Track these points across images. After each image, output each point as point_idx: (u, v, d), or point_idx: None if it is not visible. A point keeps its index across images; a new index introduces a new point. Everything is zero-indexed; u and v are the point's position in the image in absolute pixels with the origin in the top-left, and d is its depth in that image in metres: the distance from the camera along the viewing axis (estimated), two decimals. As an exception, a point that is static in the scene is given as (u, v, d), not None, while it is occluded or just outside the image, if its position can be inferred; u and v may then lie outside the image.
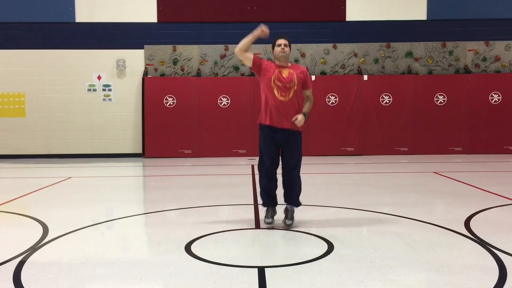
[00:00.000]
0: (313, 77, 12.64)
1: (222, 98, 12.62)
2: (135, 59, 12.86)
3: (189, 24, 12.88)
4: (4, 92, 12.80)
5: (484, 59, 12.93)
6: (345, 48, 12.95)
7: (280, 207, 5.65)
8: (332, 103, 12.67)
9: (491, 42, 12.91)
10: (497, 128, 12.63)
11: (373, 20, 12.89)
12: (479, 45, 12.94)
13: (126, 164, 11.78)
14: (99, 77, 12.89)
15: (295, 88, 5.32)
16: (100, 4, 12.72)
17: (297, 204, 5.51)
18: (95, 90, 12.89)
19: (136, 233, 5.58)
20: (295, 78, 5.31)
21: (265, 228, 5.41)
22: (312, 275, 3.92)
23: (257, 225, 5.56)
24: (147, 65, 12.87)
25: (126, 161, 12.22)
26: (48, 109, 12.84)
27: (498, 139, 12.63)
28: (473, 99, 12.66)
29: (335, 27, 12.94)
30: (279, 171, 5.51)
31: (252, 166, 10.60)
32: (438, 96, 12.67)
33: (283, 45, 5.37)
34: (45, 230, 5.41)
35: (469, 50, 12.96)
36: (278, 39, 5.46)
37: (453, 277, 3.84)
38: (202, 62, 12.90)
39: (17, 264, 4.25)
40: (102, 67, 12.86)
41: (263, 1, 12.84)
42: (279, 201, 5.59)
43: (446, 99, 12.67)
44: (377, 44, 12.94)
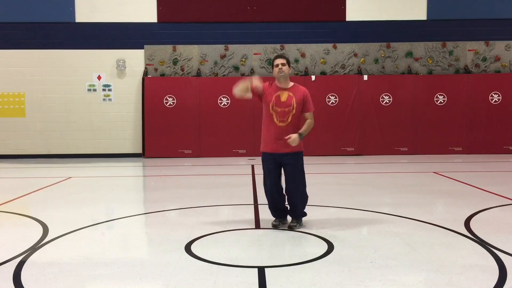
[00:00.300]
0: (313, 77, 12.65)
1: (222, 98, 12.62)
2: (135, 59, 12.86)
3: (189, 24, 12.88)
4: (4, 92, 12.80)
5: (484, 59, 12.93)
6: (345, 48, 12.95)
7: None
8: (332, 103, 12.67)
9: (491, 42, 12.91)
10: (497, 128, 12.63)
11: (373, 20, 12.89)
12: (479, 45, 12.94)
13: (126, 164, 11.78)
14: (99, 77, 12.89)
15: (294, 112, 5.21)
16: (100, 4, 12.72)
17: (298, 219, 5.43)
18: (95, 90, 12.89)
19: (136, 233, 5.58)
20: (293, 102, 5.22)
21: (265, 228, 5.41)
22: (312, 275, 3.92)
23: (257, 225, 5.56)
24: (147, 65, 12.87)
25: (126, 161, 12.22)
26: (48, 109, 12.84)
27: (498, 139, 12.63)
28: (473, 99, 12.65)
29: (335, 27, 12.94)
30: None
31: (252, 166, 10.60)
32: (438, 96, 12.67)
33: (280, 64, 5.24)
34: (45, 230, 5.41)
35: (469, 50, 12.96)
36: (276, 58, 5.34)
37: (453, 277, 3.84)
38: (202, 62, 12.90)
39: (17, 264, 4.25)
40: (102, 67, 12.85)
41: (263, 1, 12.84)
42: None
43: (446, 99, 12.67)
44: (377, 44, 12.94)
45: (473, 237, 4.94)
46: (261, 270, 4.02)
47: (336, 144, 12.63)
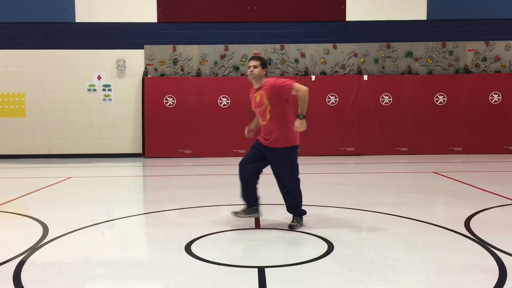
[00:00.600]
0: (313, 77, 12.65)
1: (222, 98, 12.62)
2: (135, 59, 12.86)
3: (189, 24, 12.88)
4: (4, 92, 12.80)
5: (484, 59, 12.93)
6: (345, 48, 12.95)
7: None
8: (332, 103, 12.67)
9: (491, 42, 12.91)
10: (497, 128, 12.63)
11: (373, 20, 12.89)
12: (479, 45, 12.94)
13: (126, 164, 11.78)
14: (99, 77, 12.89)
15: (269, 108, 5.23)
16: (100, 4, 12.72)
17: (296, 214, 5.46)
18: (95, 90, 12.89)
19: (136, 233, 5.58)
20: (265, 100, 5.25)
21: (265, 228, 5.41)
22: (312, 275, 3.92)
23: (257, 225, 5.56)
24: (147, 65, 12.87)
25: (126, 161, 12.22)
26: (48, 109, 12.84)
27: (498, 139, 12.63)
28: (473, 99, 12.66)
29: (335, 27, 12.94)
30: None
31: (252, 166, 10.59)
32: (438, 96, 12.67)
33: (252, 67, 5.31)
34: (45, 230, 5.41)
35: (469, 50, 12.96)
36: (249, 60, 5.43)
37: (453, 277, 3.84)
38: (202, 62, 12.90)
39: (17, 264, 4.25)
40: (102, 67, 12.86)
41: (263, 1, 12.84)
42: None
43: (446, 99, 12.67)
44: (377, 44, 12.94)
45: (473, 237, 4.94)
46: (261, 270, 4.02)
47: (336, 144, 12.63)
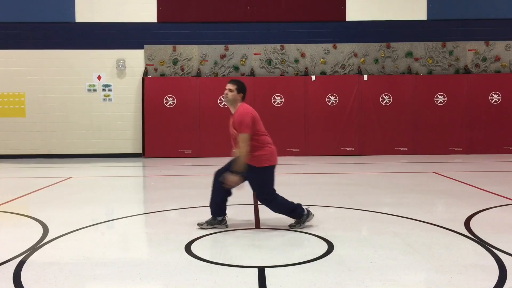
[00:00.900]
0: (313, 77, 12.66)
1: (222, 98, 12.62)
2: (135, 59, 12.86)
3: (189, 24, 12.88)
4: (4, 92, 12.80)
5: (484, 59, 12.93)
6: (345, 48, 12.95)
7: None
8: (332, 103, 12.67)
9: (491, 42, 12.91)
10: (497, 128, 12.63)
11: (373, 20, 12.89)
12: (479, 45, 12.94)
13: (126, 164, 11.78)
14: (99, 77, 12.89)
15: (237, 136, 5.28)
16: (100, 4, 12.72)
17: (295, 218, 5.42)
18: (95, 90, 12.89)
19: (136, 233, 5.58)
20: (231, 127, 5.32)
21: (265, 228, 5.42)
22: (312, 275, 3.92)
23: (257, 225, 5.56)
24: (147, 65, 12.87)
25: (126, 161, 12.22)
26: (48, 109, 12.84)
27: (498, 139, 12.63)
28: (473, 99, 12.65)
29: (335, 27, 12.94)
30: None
31: (252, 166, 10.59)
32: (438, 96, 12.67)
33: (227, 90, 5.30)
34: (45, 230, 5.41)
35: (469, 50, 12.96)
36: (227, 83, 5.36)
37: (453, 277, 3.84)
38: (202, 62, 12.89)
39: (17, 264, 4.26)
40: (102, 67, 12.86)
41: (263, 1, 12.84)
42: None
43: (446, 99, 12.67)
44: (377, 44, 12.94)
45: (473, 237, 4.94)
46: (261, 270, 4.02)
47: (336, 144, 12.63)
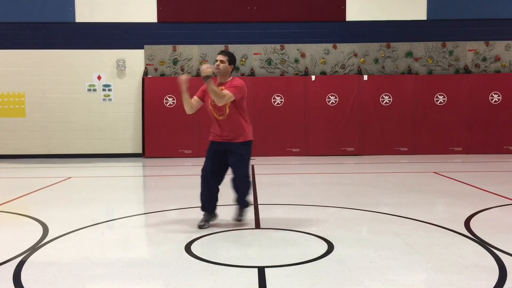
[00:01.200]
0: (313, 77, 12.65)
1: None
2: (135, 59, 12.86)
3: (189, 24, 12.88)
4: (4, 92, 12.80)
5: (484, 59, 12.93)
6: (345, 48, 12.95)
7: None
8: (332, 103, 12.67)
9: (491, 42, 12.91)
10: (497, 128, 12.63)
11: (373, 20, 12.89)
12: (479, 45, 12.94)
13: (126, 164, 11.78)
14: (99, 77, 12.89)
15: (229, 104, 5.42)
16: (100, 4, 12.72)
17: (243, 205, 5.60)
18: (95, 90, 12.89)
19: (136, 233, 5.57)
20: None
21: (265, 228, 5.41)
22: (312, 275, 3.92)
23: (257, 225, 5.56)
24: (147, 65, 12.87)
25: (126, 161, 12.22)
26: (48, 109, 12.84)
27: (498, 139, 12.63)
28: (473, 99, 12.66)
29: (335, 27, 12.94)
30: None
31: (252, 166, 10.59)
32: (438, 96, 12.67)
33: (219, 61, 5.46)
34: (45, 230, 5.41)
35: (469, 50, 12.96)
36: (218, 54, 5.55)
37: (453, 277, 3.84)
38: (202, 62, 12.89)
39: (17, 264, 4.25)
40: (102, 67, 12.86)
41: (263, 1, 12.84)
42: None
43: (446, 99, 12.67)
44: (377, 44, 12.94)
45: (473, 237, 4.94)
46: (261, 270, 4.02)
47: (336, 144, 12.63)
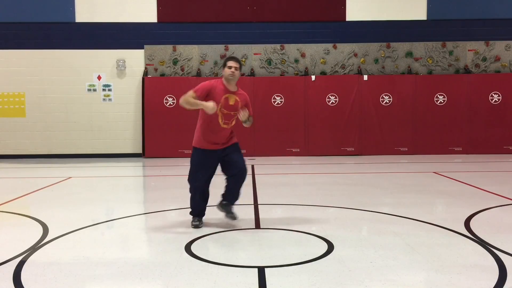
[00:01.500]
0: (313, 77, 12.66)
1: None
2: (135, 59, 12.86)
3: (189, 24, 12.88)
4: (4, 92, 12.80)
5: (484, 59, 12.93)
6: (345, 48, 12.95)
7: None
8: (332, 103, 12.67)
9: (491, 42, 12.91)
10: (497, 128, 12.63)
11: (373, 20, 12.89)
12: (479, 45, 12.94)
13: (126, 164, 11.78)
14: (99, 77, 12.89)
15: (236, 116, 5.35)
16: (100, 4, 12.72)
17: (237, 198, 5.55)
18: (95, 90, 12.89)
19: (136, 233, 5.58)
20: (239, 106, 5.33)
21: (265, 228, 5.42)
22: (312, 275, 3.92)
23: (257, 225, 5.56)
24: (147, 65, 12.87)
25: (126, 161, 12.22)
26: (48, 109, 12.84)
27: (498, 139, 12.63)
28: (473, 99, 12.66)
29: (335, 27, 12.94)
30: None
31: (252, 166, 10.59)
32: (438, 96, 12.67)
33: (233, 68, 5.27)
34: (45, 230, 5.41)
35: (469, 50, 12.96)
36: (230, 60, 5.34)
37: (453, 277, 3.84)
38: (202, 62, 12.89)
39: (17, 264, 4.25)
40: (102, 67, 12.85)
41: (263, 1, 12.84)
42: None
43: (446, 99, 12.67)
44: (377, 44, 12.94)
45: (473, 237, 4.94)
46: (261, 270, 4.02)
47: (336, 144, 12.63)
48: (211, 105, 5.08)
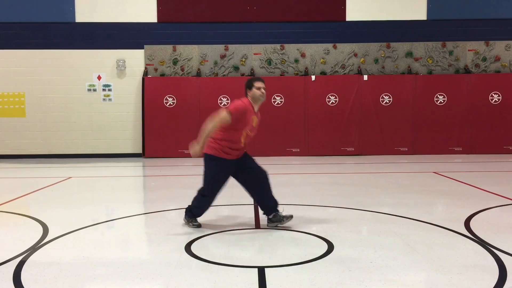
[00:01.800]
0: (313, 77, 12.66)
1: (222, 98, 12.62)
2: (135, 59, 12.86)
3: (189, 24, 12.88)
4: (4, 92, 12.81)
5: (484, 59, 12.93)
6: (345, 48, 12.95)
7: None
8: (332, 103, 12.67)
9: (491, 42, 12.91)
10: (497, 128, 12.63)
11: (373, 20, 12.89)
12: (479, 45, 12.94)
13: (126, 164, 11.78)
14: (99, 77, 12.89)
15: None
16: (100, 4, 12.73)
17: (276, 202, 5.52)
18: (95, 90, 12.90)
19: (136, 233, 5.58)
20: (256, 124, 5.39)
21: (265, 228, 5.42)
22: (312, 275, 3.92)
23: (257, 225, 5.56)
24: (147, 65, 12.87)
25: (126, 161, 12.22)
26: (48, 109, 12.84)
27: (498, 139, 12.63)
28: (473, 99, 12.66)
29: (335, 27, 12.94)
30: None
31: (252, 166, 10.59)
32: (438, 96, 12.67)
33: (262, 88, 5.25)
34: (45, 230, 5.41)
35: (469, 50, 12.96)
36: (257, 81, 5.29)
37: (453, 277, 3.84)
38: (202, 62, 12.90)
39: (17, 264, 4.26)
40: (102, 67, 12.86)
41: (263, 1, 12.84)
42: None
43: (446, 99, 12.67)
44: (377, 44, 12.94)
45: (473, 237, 4.94)
46: (261, 270, 4.02)
47: (336, 144, 12.63)
48: (198, 151, 5.33)
